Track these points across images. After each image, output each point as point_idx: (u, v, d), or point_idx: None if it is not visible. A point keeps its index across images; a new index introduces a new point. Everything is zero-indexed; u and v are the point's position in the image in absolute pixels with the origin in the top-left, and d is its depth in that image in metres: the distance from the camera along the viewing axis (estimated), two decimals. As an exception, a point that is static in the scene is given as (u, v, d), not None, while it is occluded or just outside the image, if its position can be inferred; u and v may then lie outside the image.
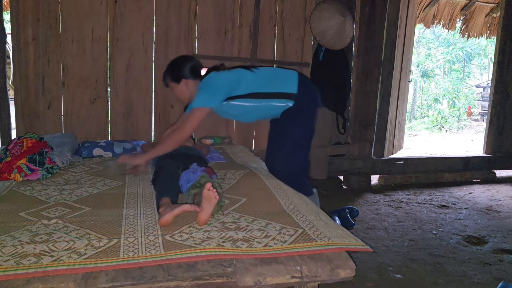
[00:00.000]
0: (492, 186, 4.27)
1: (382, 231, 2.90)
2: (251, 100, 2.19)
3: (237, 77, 2.20)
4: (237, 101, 2.19)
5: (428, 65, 14.84)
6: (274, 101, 2.21)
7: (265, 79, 2.21)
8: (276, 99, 2.21)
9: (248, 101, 2.19)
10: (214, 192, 1.50)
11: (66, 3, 3.17)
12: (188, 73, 2.24)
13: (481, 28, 5.97)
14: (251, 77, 2.20)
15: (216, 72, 2.23)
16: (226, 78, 2.20)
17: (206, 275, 1.20)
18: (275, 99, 2.21)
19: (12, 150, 2.19)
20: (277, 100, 2.21)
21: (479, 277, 2.25)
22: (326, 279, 1.26)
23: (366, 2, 3.86)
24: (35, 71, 3.17)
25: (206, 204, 1.50)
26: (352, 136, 4.06)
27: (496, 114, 4.58)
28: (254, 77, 2.20)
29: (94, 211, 1.64)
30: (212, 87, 2.15)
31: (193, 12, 3.45)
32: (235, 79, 2.19)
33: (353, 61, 3.97)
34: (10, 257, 1.22)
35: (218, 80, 2.18)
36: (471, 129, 10.87)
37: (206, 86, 2.16)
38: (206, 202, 1.50)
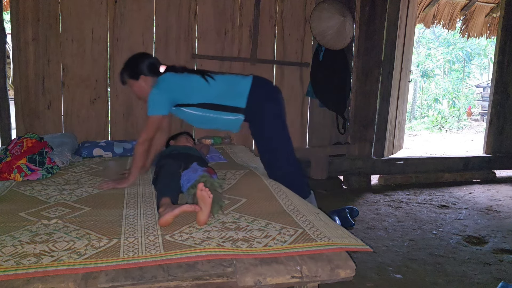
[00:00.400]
0: (492, 186, 4.27)
1: (382, 231, 2.90)
2: (202, 110, 2.16)
3: (191, 85, 2.16)
4: (187, 108, 2.17)
5: (428, 65, 14.84)
6: (223, 114, 2.16)
7: (217, 90, 2.16)
8: (225, 112, 2.16)
9: (199, 110, 2.16)
10: (207, 191, 1.50)
11: (66, 3, 3.17)
12: (147, 70, 2.20)
13: (481, 28, 5.97)
14: (204, 86, 2.16)
15: (171, 75, 2.19)
16: (178, 84, 2.16)
17: (206, 275, 1.20)
18: (224, 112, 2.16)
19: (12, 150, 2.19)
20: (226, 113, 2.16)
21: (479, 277, 2.25)
22: (326, 279, 1.26)
23: (366, 2, 3.86)
24: (35, 71, 3.17)
25: (202, 205, 1.50)
26: (352, 136, 4.06)
27: (496, 114, 4.58)
28: (208, 87, 2.16)
29: (94, 211, 1.64)
30: (162, 93, 2.10)
31: (193, 12, 3.45)
32: (188, 86, 2.16)
33: (353, 61, 3.97)
34: (10, 257, 1.22)
35: (170, 85, 2.14)
36: (471, 129, 10.87)
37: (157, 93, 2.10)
38: (201, 202, 1.50)
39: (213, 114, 2.16)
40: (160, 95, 2.10)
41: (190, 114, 2.19)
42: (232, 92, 2.17)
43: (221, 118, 2.17)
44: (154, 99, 2.09)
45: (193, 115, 2.19)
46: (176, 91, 2.13)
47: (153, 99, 2.09)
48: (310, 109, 3.91)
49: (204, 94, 2.15)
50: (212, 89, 2.16)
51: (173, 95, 2.13)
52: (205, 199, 1.50)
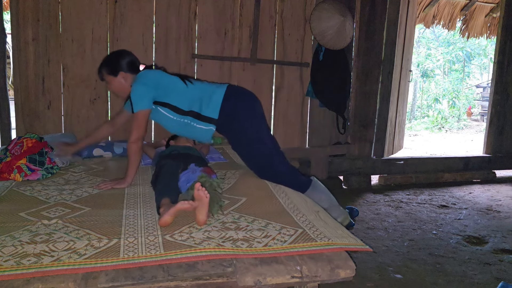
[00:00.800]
0: (492, 186, 4.27)
1: (382, 231, 2.90)
2: (176, 115, 2.14)
3: (169, 84, 2.16)
4: (163, 109, 2.15)
5: (428, 65, 14.84)
6: (196, 122, 2.14)
7: (193, 97, 2.15)
8: (198, 120, 2.14)
9: (173, 115, 2.15)
10: (204, 191, 1.50)
11: (66, 3, 3.17)
12: (126, 67, 2.19)
13: (481, 28, 5.97)
14: (182, 89, 2.15)
15: (150, 71, 2.19)
16: (159, 79, 2.15)
17: (206, 275, 1.20)
18: (197, 120, 2.14)
19: (12, 150, 2.19)
20: (199, 121, 2.14)
21: (479, 277, 2.25)
22: (326, 279, 1.26)
23: (366, 2, 3.86)
24: (35, 71, 3.17)
25: (200, 205, 1.50)
26: (352, 136, 4.06)
27: (496, 114, 4.58)
28: (185, 91, 2.15)
29: (94, 211, 1.64)
30: (145, 87, 2.10)
31: (193, 12, 3.45)
32: (167, 84, 2.15)
33: (353, 61, 3.97)
34: (10, 257, 1.22)
35: (150, 79, 2.13)
36: (471, 129, 10.87)
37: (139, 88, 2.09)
38: (199, 203, 1.50)
39: (187, 120, 2.15)
40: (143, 88, 2.09)
41: (165, 116, 2.16)
42: (207, 101, 2.15)
43: (193, 126, 2.15)
44: (138, 93, 2.08)
45: (167, 118, 2.17)
46: (156, 86, 2.12)
47: (137, 94, 2.08)
48: (310, 109, 3.91)
49: (181, 98, 2.14)
50: (189, 94, 2.16)
51: (153, 89, 2.11)
52: (202, 199, 1.50)
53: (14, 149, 2.20)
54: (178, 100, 2.14)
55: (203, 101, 2.15)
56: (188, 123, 2.15)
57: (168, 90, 2.14)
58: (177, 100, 2.14)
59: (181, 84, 2.17)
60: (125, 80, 2.20)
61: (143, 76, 2.15)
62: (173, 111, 2.15)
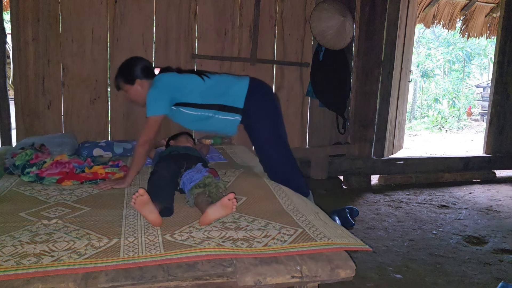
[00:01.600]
0: (492, 186, 4.26)
1: (382, 231, 2.90)
2: (199, 110, 2.14)
3: (187, 83, 2.14)
4: (185, 108, 2.14)
5: (428, 65, 14.83)
6: (221, 113, 2.14)
7: (215, 90, 2.15)
8: (223, 111, 2.14)
9: (197, 111, 2.14)
10: (235, 204, 1.52)
11: (66, 3, 3.17)
12: (142, 74, 2.16)
13: (481, 28, 5.97)
14: (201, 85, 2.15)
15: (166, 75, 2.17)
16: (175, 82, 2.14)
17: (206, 275, 1.20)
18: (222, 112, 2.14)
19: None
20: (223, 113, 2.14)
21: (479, 277, 2.25)
22: (326, 279, 1.26)
23: (366, 2, 3.86)
24: (35, 71, 3.17)
25: (220, 210, 1.51)
26: (352, 136, 4.06)
27: (496, 114, 4.58)
28: (205, 86, 2.15)
29: (94, 211, 1.64)
30: (160, 92, 2.08)
31: (193, 12, 3.45)
32: (185, 84, 2.14)
33: (353, 61, 3.97)
34: (10, 257, 1.22)
35: (166, 85, 2.11)
36: (471, 129, 10.86)
37: (154, 93, 2.08)
38: (222, 209, 1.51)
39: (211, 113, 2.14)
40: (159, 94, 2.08)
41: (188, 114, 2.16)
42: (230, 92, 2.15)
43: (218, 118, 2.15)
44: (153, 99, 2.07)
45: (190, 116, 2.16)
46: (174, 89, 2.11)
47: (151, 99, 2.07)
48: (310, 109, 3.91)
49: (202, 93, 2.13)
50: (210, 88, 2.15)
51: (171, 93, 2.10)
52: (228, 210, 1.52)
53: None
54: (198, 96, 2.14)
55: (226, 92, 2.15)
56: (212, 116, 2.15)
57: (186, 90, 2.13)
58: (197, 97, 2.13)
59: (199, 80, 2.16)
60: (142, 87, 2.17)
61: (158, 80, 2.13)
62: (195, 108, 2.14)
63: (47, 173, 2.06)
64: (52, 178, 2.03)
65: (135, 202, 1.46)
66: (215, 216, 1.51)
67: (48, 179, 2.03)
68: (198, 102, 2.13)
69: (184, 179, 1.78)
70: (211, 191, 1.68)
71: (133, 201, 1.46)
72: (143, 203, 1.46)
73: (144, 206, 1.47)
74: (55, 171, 2.07)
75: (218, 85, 2.17)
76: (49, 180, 2.02)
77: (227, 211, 1.52)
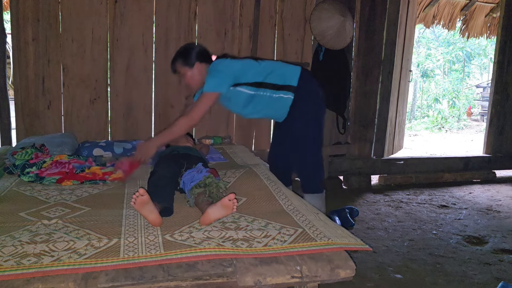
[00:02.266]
0: (492, 186, 4.26)
1: (382, 231, 2.90)
2: (255, 89, 2.24)
3: (245, 65, 2.26)
4: (242, 87, 2.23)
5: (428, 65, 14.83)
6: (274, 92, 2.25)
7: (268, 70, 2.27)
8: (278, 90, 2.25)
9: (252, 90, 2.24)
10: (235, 205, 1.52)
11: (66, 3, 3.17)
12: (200, 58, 2.26)
13: (481, 28, 5.97)
14: (256, 67, 2.27)
15: (227, 59, 2.28)
16: (234, 64, 2.26)
17: (206, 275, 1.20)
18: (275, 90, 2.25)
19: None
20: (276, 91, 2.25)
21: (479, 277, 2.25)
22: (326, 279, 1.26)
23: (366, 2, 3.86)
24: (35, 71, 3.17)
25: (221, 211, 1.51)
26: (352, 136, 4.06)
27: (496, 114, 4.58)
28: (259, 67, 2.27)
29: (94, 211, 1.64)
30: (221, 71, 2.19)
31: (193, 12, 3.45)
32: (243, 66, 2.25)
33: (353, 61, 3.97)
34: (10, 257, 1.22)
35: (226, 66, 2.23)
36: (471, 129, 10.86)
37: (215, 71, 2.20)
38: (222, 209, 1.51)
39: (265, 92, 2.24)
40: (220, 72, 2.18)
41: (244, 94, 2.24)
42: (284, 72, 2.28)
43: (272, 97, 2.25)
44: (214, 76, 2.15)
45: (245, 96, 2.24)
46: (234, 71, 2.21)
47: (213, 76, 2.15)
48: (310, 109, 3.91)
49: (258, 73, 2.24)
50: (264, 68, 2.26)
51: (232, 74, 2.19)
52: (228, 210, 1.52)
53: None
54: (255, 76, 2.24)
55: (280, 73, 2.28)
56: (266, 95, 2.25)
57: (243, 71, 2.23)
58: (254, 76, 2.24)
59: (254, 62, 2.30)
60: (200, 71, 2.25)
61: (220, 63, 2.24)
62: (251, 86, 2.23)
63: (47, 173, 2.05)
64: (52, 178, 2.03)
65: (135, 202, 1.46)
66: (216, 216, 1.51)
67: (48, 179, 2.03)
68: (254, 81, 2.23)
69: (184, 179, 1.78)
70: (211, 191, 1.68)
71: (133, 201, 1.46)
72: (143, 203, 1.46)
73: (144, 206, 1.47)
74: (54, 171, 2.07)
75: (272, 66, 2.30)
76: (49, 180, 2.02)
77: (227, 211, 1.52)
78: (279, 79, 2.26)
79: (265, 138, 3.83)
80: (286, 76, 2.27)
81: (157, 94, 3.48)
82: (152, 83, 3.45)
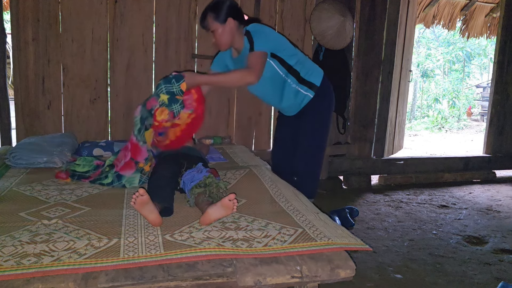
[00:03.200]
0: (492, 186, 4.27)
1: (382, 231, 2.90)
2: (283, 69, 2.17)
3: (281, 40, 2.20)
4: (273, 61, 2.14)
5: (428, 65, 14.82)
6: (297, 84, 2.21)
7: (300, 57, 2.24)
8: (299, 83, 2.21)
9: (281, 68, 2.17)
10: (235, 205, 1.51)
11: (66, 3, 3.17)
12: (233, 13, 2.08)
13: (481, 28, 5.97)
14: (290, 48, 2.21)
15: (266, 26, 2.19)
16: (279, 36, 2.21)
17: (206, 275, 1.20)
18: (298, 83, 2.21)
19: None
20: (299, 84, 2.21)
21: (479, 277, 2.25)
22: (326, 279, 1.26)
23: (366, 2, 3.86)
24: (35, 71, 3.17)
25: (221, 211, 1.51)
26: (352, 136, 4.06)
27: (496, 114, 4.58)
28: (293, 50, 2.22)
29: (94, 211, 1.64)
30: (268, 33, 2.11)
31: (193, 12, 3.45)
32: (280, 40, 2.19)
33: (353, 61, 3.97)
34: (10, 257, 1.22)
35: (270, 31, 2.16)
36: (471, 129, 10.86)
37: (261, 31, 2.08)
38: (222, 209, 1.51)
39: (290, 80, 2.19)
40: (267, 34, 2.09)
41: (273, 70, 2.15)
42: (310, 67, 2.25)
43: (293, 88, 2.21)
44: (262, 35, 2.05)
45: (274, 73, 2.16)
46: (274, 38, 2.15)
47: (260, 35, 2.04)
48: (310, 109, 3.91)
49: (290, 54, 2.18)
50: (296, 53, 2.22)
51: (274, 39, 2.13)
52: (228, 210, 1.51)
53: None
54: (288, 55, 2.17)
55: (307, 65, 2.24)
56: (289, 84, 2.21)
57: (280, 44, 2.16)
58: (287, 55, 2.17)
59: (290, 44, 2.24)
60: (232, 28, 2.09)
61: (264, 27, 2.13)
62: (282, 65, 2.17)
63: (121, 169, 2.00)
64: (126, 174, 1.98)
65: (135, 202, 1.46)
66: (216, 216, 1.51)
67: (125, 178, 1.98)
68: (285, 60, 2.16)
69: (184, 178, 1.78)
70: (211, 191, 1.68)
71: (133, 201, 1.46)
72: (143, 203, 1.46)
73: (144, 206, 1.47)
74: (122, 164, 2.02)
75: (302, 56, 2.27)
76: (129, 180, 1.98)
77: (227, 211, 1.52)
78: (305, 72, 2.21)
79: (265, 138, 3.83)
80: (312, 73, 2.23)
81: (157, 94, 3.47)
82: (152, 83, 3.45)
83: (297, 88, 2.21)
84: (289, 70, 2.18)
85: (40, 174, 2.17)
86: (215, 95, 3.58)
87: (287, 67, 2.17)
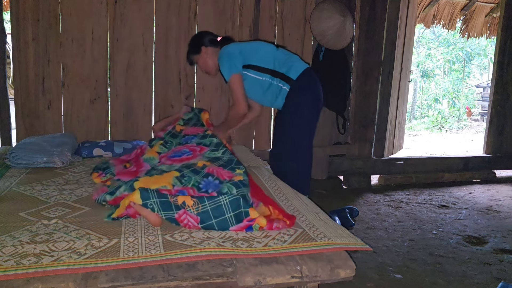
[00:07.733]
0: (492, 186, 4.27)
1: (382, 231, 2.90)
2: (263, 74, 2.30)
3: (260, 47, 2.35)
4: (249, 71, 2.30)
5: (428, 65, 14.82)
6: (281, 82, 2.31)
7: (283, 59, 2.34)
8: (282, 80, 2.31)
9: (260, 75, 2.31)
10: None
11: (66, 3, 3.17)
12: (205, 41, 2.38)
13: (481, 28, 5.97)
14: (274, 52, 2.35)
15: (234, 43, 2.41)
16: (247, 46, 2.35)
17: (206, 275, 1.20)
18: (282, 81, 2.31)
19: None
20: (282, 82, 2.31)
21: (479, 277, 2.25)
22: (326, 279, 1.26)
23: (366, 2, 3.86)
24: (35, 71, 3.17)
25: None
26: (352, 136, 4.06)
27: (496, 114, 4.58)
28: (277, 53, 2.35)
29: (94, 211, 1.64)
30: (230, 54, 2.27)
31: (193, 12, 3.45)
32: (258, 48, 2.34)
33: (353, 61, 3.97)
34: (10, 257, 1.22)
35: (234, 48, 2.31)
36: (471, 129, 10.85)
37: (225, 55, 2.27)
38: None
39: (267, 78, 2.31)
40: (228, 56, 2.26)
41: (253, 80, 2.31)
42: (293, 64, 2.34)
43: (273, 84, 2.32)
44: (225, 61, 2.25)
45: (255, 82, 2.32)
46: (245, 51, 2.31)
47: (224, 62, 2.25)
48: (310, 109, 3.91)
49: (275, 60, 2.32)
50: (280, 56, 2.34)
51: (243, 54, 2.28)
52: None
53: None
54: (271, 62, 2.32)
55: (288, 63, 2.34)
56: (275, 84, 2.33)
57: (260, 52, 2.32)
58: (260, 59, 2.31)
59: (273, 47, 2.37)
60: (208, 54, 2.38)
61: (226, 47, 2.32)
62: (259, 71, 2.31)
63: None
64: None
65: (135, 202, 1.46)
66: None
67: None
68: (261, 65, 2.30)
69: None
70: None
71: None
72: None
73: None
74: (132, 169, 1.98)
75: (287, 56, 2.38)
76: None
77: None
78: (286, 69, 2.32)
79: (265, 138, 3.83)
80: (291, 68, 2.33)
81: (157, 94, 3.48)
82: (152, 83, 3.45)
83: (279, 85, 2.33)
84: (269, 72, 2.31)
85: (40, 174, 2.17)
86: (215, 95, 3.59)
87: (265, 71, 2.30)
